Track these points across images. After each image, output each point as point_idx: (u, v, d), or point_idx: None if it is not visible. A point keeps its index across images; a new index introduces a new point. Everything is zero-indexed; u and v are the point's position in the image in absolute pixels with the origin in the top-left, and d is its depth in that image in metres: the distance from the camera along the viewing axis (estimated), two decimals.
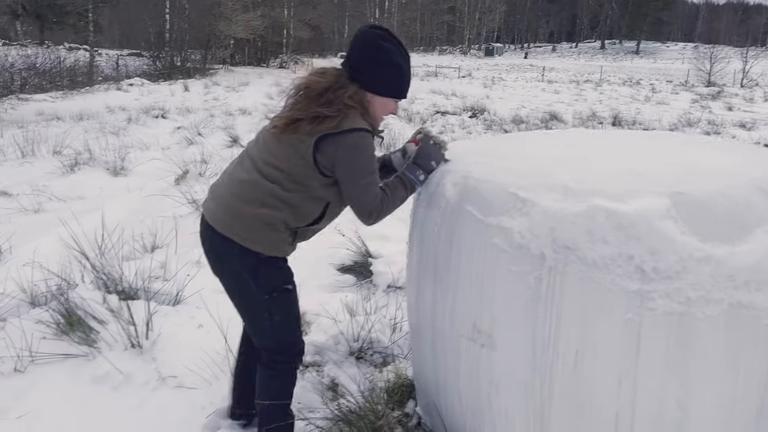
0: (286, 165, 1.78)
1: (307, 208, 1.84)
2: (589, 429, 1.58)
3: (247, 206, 1.79)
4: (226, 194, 1.86)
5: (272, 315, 1.88)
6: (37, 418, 2.18)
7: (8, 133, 9.11)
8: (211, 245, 1.89)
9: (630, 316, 1.46)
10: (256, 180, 1.80)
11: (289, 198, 1.79)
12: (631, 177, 1.58)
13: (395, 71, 1.86)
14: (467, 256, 1.71)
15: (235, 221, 1.80)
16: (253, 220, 1.79)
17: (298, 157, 1.77)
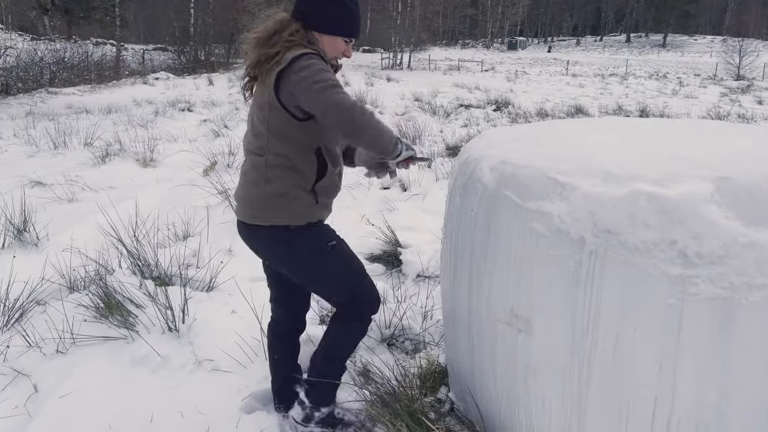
0: (263, 127, 1.82)
1: (303, 162, 1.85)
2: (627, 414, 1.58)
3: (255, 188, 1.87)
4: (240, 189, 1.97)
5: (330, 274, 1.95)
6: (80, 398, 2.24)
7: (40, 125, 9.32)
8: (250, 240, 1.97)
9: (672, 301, 1.46)
10: (252, 161, 1.89)
11: (282, 161, 1.83)
12: (674, 161, 1.57)
13: (337, 7, 1.86)
14: (505, 242, 1.72)
15: (254, 208, 1.88)
16: (266, 198, 1.85)
17: (267, 110, 1.79)
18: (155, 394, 2.27)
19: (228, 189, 4.77)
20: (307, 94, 1.71)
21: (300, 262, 1.92)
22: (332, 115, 1.71)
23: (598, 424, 1.63)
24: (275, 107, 1.78)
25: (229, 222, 4.30)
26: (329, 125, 1.79)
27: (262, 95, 1.82)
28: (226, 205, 4.63)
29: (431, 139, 7.62)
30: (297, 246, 1.89)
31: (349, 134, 1.78)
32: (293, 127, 1.80)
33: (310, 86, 1.70)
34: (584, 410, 1.64)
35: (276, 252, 1.93)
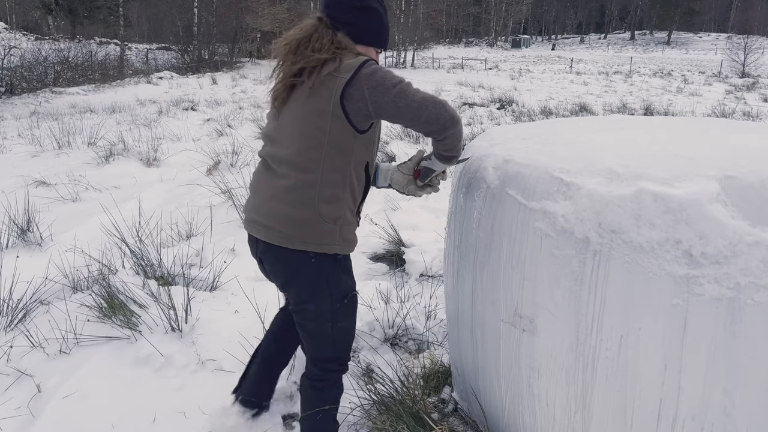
0: (324, 137, 1.67)
1: (356, 178, 1.76)
2: (631, 415, 1.57)
3: (305, 209, 1.69)
4: (277, 208, 1.73)
5: (336, 322, 1.82)
6: (82, 399, 2.24)
7: (44, 125, 9.34)
8: (276, 262, 1.78)
9: (677, 301, 1.45)
10: (299, 178, 1.69)
11: (338, 179, 1.71)
12: (679, 160, 1.56)
13: (377, 19, 1.82)
14: (509, 241, 1.71)
15: (303, 231, 1.70)
16: (321, 222, 1.70)
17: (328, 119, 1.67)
18: (158, 395, 2.27)
19: (231, 188, 4.77)
20: (398, 105, 1.66)
21: (325, 296, 1.78)
22: (426, 111, 1.66)
23: (602, 424, 1.61)
24: (337, 116, 1.66)
25: (232, 222, 4.30)
26: (421, 122, 1.68)
27: (317, 102, 1.68)
28: (229, 205, 4.63)
29: None
30: (336, 280, 1.79)
31: (442, 128, 1.69)
32: (353, 139, 1.71)
33: (388, 90, 1.66)
34: (588, 411, 1.63)
35: (307, 280, 1.76)
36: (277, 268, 1.79)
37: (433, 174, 1.90)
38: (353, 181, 1.76)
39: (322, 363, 1.88)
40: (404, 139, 7.52)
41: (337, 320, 1.82)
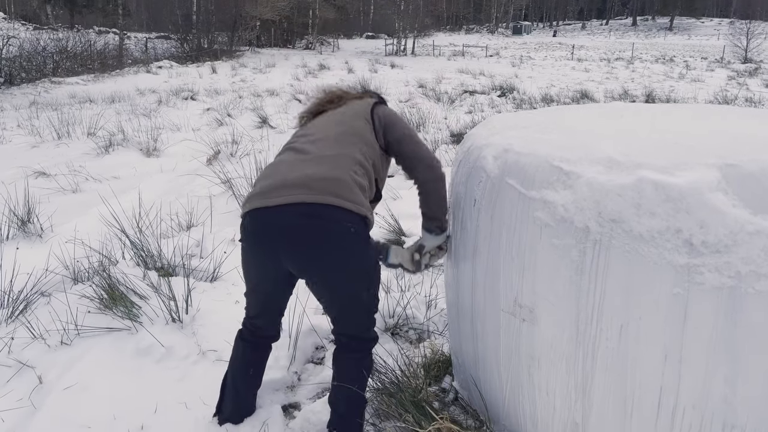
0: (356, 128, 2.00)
1: (370, 179, 1.95)
2: (632, 404, 1.57)
3: (344, 173, 1.84)
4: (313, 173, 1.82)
5: (371, 289, 1.92)
6: (84, 390, 2.24)
7: (44, 115, 9.32)
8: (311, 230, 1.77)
9: (677, 290, 1.44)
10: (333, 150, 1.90)
11: (365, 164, 1.92)
12: (680, 149, 1.54)
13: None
14: (508, 231, 1.70)
15: (342, 189, 1.80)
16: (354, 185, 1.84)
17: (365, 122, 2.02)
18: (159, 385, 2.27)
19: (231, 178, 4.76)
20: (406, 134, 2.06)
21: (362, 259, 1.86)
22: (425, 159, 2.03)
23: (602, 413, 1.62)
24: (367, 120, 2.03)
25: (232, 212, 4.29)
26: (414, 161, 2.05)
27: (355, 108, 2.09)
28: (229, 195, 4.62)
29: (435, 126, 7.58)
30: (369, 239, 1.87)
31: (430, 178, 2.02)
32: (376, 146, 2.01)
33: (409, 130, 2.08)
34: (589, 400, 1.63)
35: (346, 242, 1.80)
36: (311, 236, 1.78)
37: (424, 250, 2.10)
38: (371, 176, 1.94)
39: (359, 335, 1.97)
40: None
41: (372, 286, 1.92)
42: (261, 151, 6.15)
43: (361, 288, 1.90)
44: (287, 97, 12.07)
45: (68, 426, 2.04)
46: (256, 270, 1.96)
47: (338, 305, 1.95)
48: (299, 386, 2.38)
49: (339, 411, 1.97)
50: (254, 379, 2.10)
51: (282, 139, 6.98)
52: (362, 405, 1.98)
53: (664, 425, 1.55)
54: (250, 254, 1.94)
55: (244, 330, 2.08)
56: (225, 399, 2.08)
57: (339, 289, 1.89)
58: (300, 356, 2.52)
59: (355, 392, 1.93)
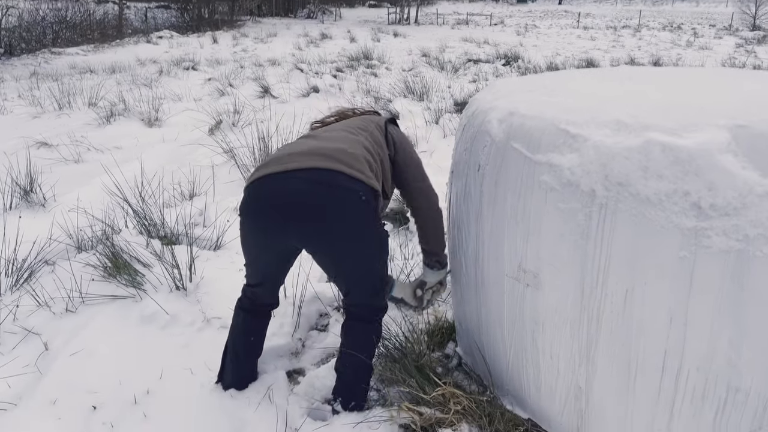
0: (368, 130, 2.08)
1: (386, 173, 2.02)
2: (635, 367, 1.57)
3: (357, 149, 1.90)
4: (328, 144, 1.89)
5: (382, 258, 1.94)
6: (90, 356, 2.26)
7: (44, 85, 9.26)
8: (318, 193, 1.76)
9: (684, 254, 1.43)
10: (348, 135, 1.99)
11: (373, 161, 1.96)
12: (689, 110, 1.51)
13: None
14: (513, 195, 1.68)
15: (350, 159, 1.83)
16: (365, 161, 1.88)
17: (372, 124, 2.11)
18: (164, 352, 2.29)
19: (234, 148, 4.73)
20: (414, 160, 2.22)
21: (370, 226, 1.85)
22: (424, 185, 2.20)
23: (606, 377, 1.62)
24: (382, 127, 2.14)
25: (234, 181, 4.28)
26: (415, 190, 2.21)
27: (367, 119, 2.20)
28: (231, 164, 4.60)
29: (439, 95, 7.50)
30: (377, 217, 1.87)
31: (427, 207, 2.21)
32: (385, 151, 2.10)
33: (410, 147, 2.23)
34: (593, 364, 1.63)
35: (356, 209, 1.79)
36: (320, 204, 1.76)
37: (426, 286, 2.21)
38: (379, 168, 1.98)
39: (371, 304, 1.97)
40: (408, 96, 7.42)
41: (383, 256, 1.94)
42: (263, 121, 6.09)
43: (374, 257, 1.91)
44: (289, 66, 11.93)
45: (75, 391, 2.06)
46: (256, 243, 1.94)
47: (349, 276, 1.94)
48: (303, 352, 2.40)
49: (345, 378, 1.98)
50: (255, 346, 2.11)
51: (284, 109, 6.93)
52: (369, 372, 1.99)
53: (668, 388, 1.56)
54: (251, 227, 1.91)
55: (244, 298, 2.09)
56: (226, 367, 2.09)
57: (350, 259, 1.88)
58: (304, 323, 2.52)
59: (362, 360, 1.93)
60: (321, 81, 9.04)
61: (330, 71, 10.82)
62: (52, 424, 1.92)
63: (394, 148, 2.15)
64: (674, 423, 1.59)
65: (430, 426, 1.87)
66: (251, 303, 2.07)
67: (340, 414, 1.93)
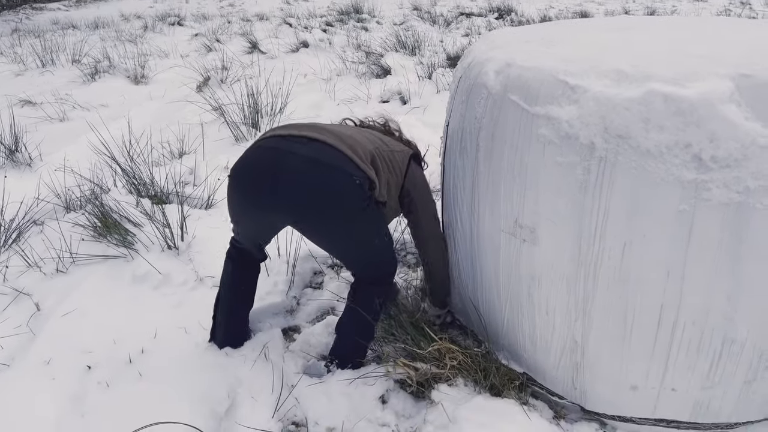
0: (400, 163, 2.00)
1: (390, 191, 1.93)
2: (632, 321, 1.57)
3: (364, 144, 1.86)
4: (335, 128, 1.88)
5: (380, 228, 1.88)
6: (83, 316, 2.24)
7: (26, 42, 9.01)
8: (320, 175, 1.71)
9: (683, 207, 1.41)
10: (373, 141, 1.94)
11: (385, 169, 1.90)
12: (691, 59, 1.47)
13: None
14: (510, 149, 1.64)
15: (356, 146, 1.81)
16: (368, 154, 1.84)
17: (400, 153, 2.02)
18: (158, 311, 2.27)
19: (223, 105, 4.63)
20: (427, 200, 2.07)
21: (370, 217, 1.81)
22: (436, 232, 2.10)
23: (602, 331, 1.62)
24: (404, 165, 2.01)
25: (224, 139, 4.21)
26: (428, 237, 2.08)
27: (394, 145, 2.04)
28: (221, 122, 4.51)
29: (432, 50, 7.35)
30: (369, 200, 1.78)
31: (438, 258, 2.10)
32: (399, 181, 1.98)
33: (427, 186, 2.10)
34: (589, 318, 1.62)
35: (350, 189, 1.73)
36: (314, 186, 1.70)
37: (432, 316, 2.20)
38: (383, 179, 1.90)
39: (378, 274, 1.95)
40: (399, 51, 7.27)
41: (381, 230, 1.88)
42: (252, 77, 5.96)
43: (371, 235, 1.85)
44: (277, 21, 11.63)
45: (68, 351, 2.05)
46: (243, 212, 1.87)
47: (349, 258, 1.95)
48: (298, 310, 2.39)
49: (346, 337, 1.96)
50: (246, 296, 2.09)
51: (273, 65, 6.78)
52: (371, 333, 1.97)
53: (663, 341, 1.56)
54: (239, 198, 1.82)
55: (232, 249, 2.06)
56: (218, 321, 2.08)
57: (346, 243, 1.86)
58: (298, 281, 2.51)
59: (367, 319, 1.91)
60: (310, 36, 8.83)
61: (319, 26, 10.56)
62: (47, 384, 1.91)
63: (411, 184, 2.02)
64: (669, 375, 1.60)
65: (425, 381, 1.88)
66: (240, 253, 2.04)
67: (336, 371, 1.93)
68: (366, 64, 6.46)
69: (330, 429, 1.78)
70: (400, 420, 1.82)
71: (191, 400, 1.80)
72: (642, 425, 1.72)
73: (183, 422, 1.66)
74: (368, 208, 1.78)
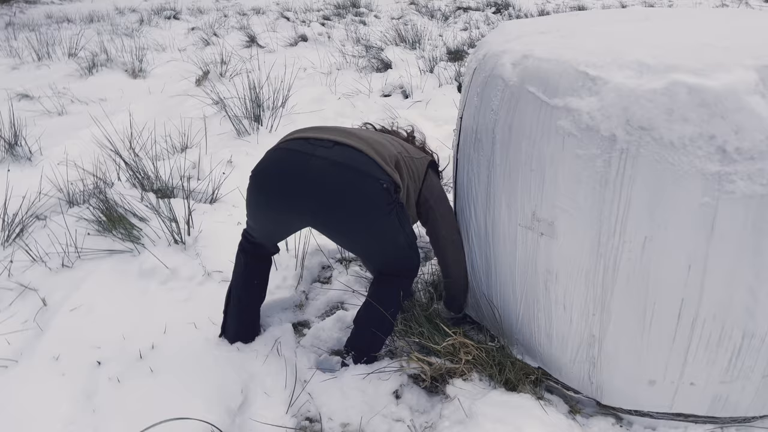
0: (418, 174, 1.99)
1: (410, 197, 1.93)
2: (651, 315, 1.55)
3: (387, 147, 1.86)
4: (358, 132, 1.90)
5: (404, 226, 1.84)
6: (90, 311, 2.21)
7: (21, 35, 8.92)
8: (344, 180, 1.72)
9: (706, 199, 1.39)
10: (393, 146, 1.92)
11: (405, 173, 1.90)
12: (714, 50, 1.45)
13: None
14: (528, 142, 1.62)
15: (381, 149, 1.82)
16: (392, 157, 1.84)
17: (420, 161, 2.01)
18: (166, 306, 2.25)
19: (224, 98, 4.59)
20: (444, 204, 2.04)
21: (385, 214, 1.77)
22: (457, 246, 2.04)
23: (620, 325, 1.60)
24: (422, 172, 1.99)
25: (226, 133, 4.17)
26: (449, 253, 2.04)
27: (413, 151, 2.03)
28: (222, 116, 4.46)
29: (432, 44, 7.31)
30: (394, 205, 1.78)
31: (455, 254, 2.04)
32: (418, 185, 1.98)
33: (445, 197, 2.06)
34: (607, 312, 1.61)
35: (374, 188, 1.73)
36: (337, 189, 1.72)
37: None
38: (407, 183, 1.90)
39: (401, 269, 1.94)
40: (399, 44, 7.23)
41: (405, 227, 1.85)
42: (251, 71, 5.91)
43: (397, 233, 1.83)
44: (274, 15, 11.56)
45: (77, 346, 2.02)
46: (263, 216, 1.88)
47: (374, 258, 1.96)
48: (307, 305, 2.37)
49: (363, 330, 1.95)
50: (259, 290, 2.08)
51: (272, 59, 6.73)
52: (390, 328, 1.94)
53: (683, 335, 1.55)
54: (260, 200, 1.83)
55: (245, 242, 2.05)
56: (229, 316, 2.06)
57: (371, 244, 1.86)
58: (307, 276, 2.49)
59: (385, 314, 1.88)
60: (309, 29, 8.77)
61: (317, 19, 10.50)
62: (56, 380, 1.88)
63: (428, 191, 2.01)
64: (688, 369, 1.59)
65: (440, 376, 1.87)
66: (253, 246, 2.03)
67: (350, 366, 1.92)
68: (366, 58, 6.42)
69: (344, 425, 1.77)
70: (414, 415, 1.81)
71: (204, 396, 1.77)
72: (659, 419, 1.71)
73: (197, 418, 1.64)
74: (394, 211, 1.78)
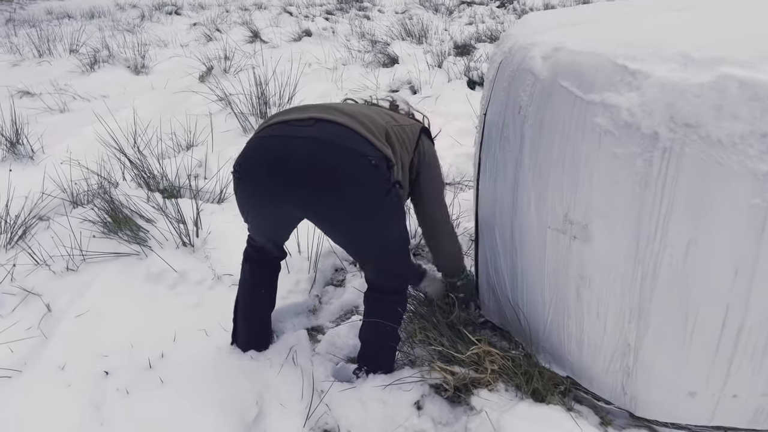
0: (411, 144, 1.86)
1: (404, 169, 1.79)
2: (693, 323, 1.46)
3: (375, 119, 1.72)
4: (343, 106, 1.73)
5: (398, 218, 1.68)
6: (97, 317, 2.12)
7: (22, 32, 8.83)
8: (333, 159, 1.54)
9: (757, 201, 1.30)
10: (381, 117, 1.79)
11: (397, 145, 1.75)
12: (761, 41, 1.36)
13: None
14: (561, 139, 1.53)
15: (367, 122, 1.66)
16: (382, 131, 1.69)
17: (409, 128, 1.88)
18: (176, 312, 2.16)
19: (229, 95, 4.50)
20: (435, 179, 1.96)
21: (377, 197, 1.59)
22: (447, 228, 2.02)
23: (659, 333, 1.51)
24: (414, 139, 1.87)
25: (232, 130, 4.08)
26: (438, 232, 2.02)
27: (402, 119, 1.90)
28: (228, 112, 4.38)
29: (438, 38, 7.21)
30: (386, 182, 1.59)
31: (442, 222, 2.00)
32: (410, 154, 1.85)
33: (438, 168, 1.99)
34: (645, 321, 1.52)
35: (371, 175, 1.56)
36: (323, 170, 1.54)
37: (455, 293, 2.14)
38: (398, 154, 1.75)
39: (395, 276, 1.80)
40: (406, 39, 7.12)
41: (398, 220, 1.69)
42: (256, 67, 5.82)
43: (390, 223, 1.67)
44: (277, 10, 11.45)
45: (83, 355, 1.93)
46: (254, 210, 1.74)
47: (363, 250, 1.75)
48: (321, 309, 2.29)
49: (370, 346, 1.86)
50: (267, 299, 1.98)
51: (277, 54, 6.63)
52: (396, 340, 1.84)
53: (727, 345, 1.46)
54: (245, 192, 1.70)
55: (249, 249, 1.94)
56: (238, 325, 1.97)
57: (360, 232, 1.66)
58: (320, 279, 2.40)
59: (387, 328, 1.79)
60: (313, 24, 8.66)
61: (321, 14, 10.39)
62: (62, 392, 1.80)
63: (419, 158, 1.88)
64: (731, 380, 1.50)
65: (463, 386, 1.78)
66: (258, 253, 1.92)
67: (369, 376, 1.83)
68: (372, 52, 6.32)
69: None
70: (437, 427, 1.72)
71: (217, 408, 1.69)
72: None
73: None
74: (390, 193, 1.60)
